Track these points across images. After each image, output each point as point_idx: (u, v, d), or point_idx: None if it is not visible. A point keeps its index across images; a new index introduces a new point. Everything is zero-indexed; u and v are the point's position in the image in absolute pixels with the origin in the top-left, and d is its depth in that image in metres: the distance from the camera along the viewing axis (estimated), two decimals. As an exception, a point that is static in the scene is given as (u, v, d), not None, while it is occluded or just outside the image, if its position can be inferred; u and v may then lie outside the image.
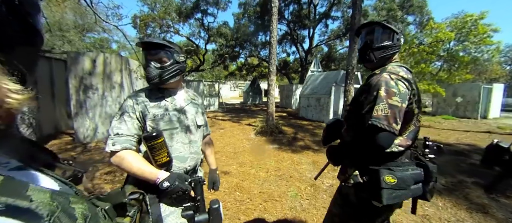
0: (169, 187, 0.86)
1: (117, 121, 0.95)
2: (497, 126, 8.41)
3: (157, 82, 0.99)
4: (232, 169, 3.61)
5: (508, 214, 2.42)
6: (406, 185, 0.93)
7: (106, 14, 4.51)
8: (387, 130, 0.86)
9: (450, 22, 11.55)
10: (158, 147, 0.91)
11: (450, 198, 2.73)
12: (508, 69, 32.03)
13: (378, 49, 1.04)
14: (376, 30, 1.06)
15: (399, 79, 0.91)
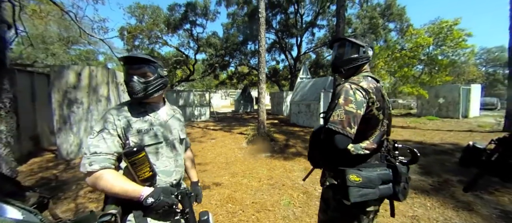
0: (154, 203, 0.84)
1: (95, 139, 0.90)
2: (478, 125, 8.84)
3: (141, 96, 0.98)
4: (224, 180, 3.55)
5: (491, 210, 2.51)
6: (373, 184, 0.99)
7: (91, 27, 4.44)
8: (341, 133, 0.93)
9: (428, 28, 12.26)
10: (139, 162, 0.88)
11: (438, 198, 2.81)
12: (484, 70, 34.08)
13: (347, 61, 1.15)
14: (343, 45, 1.17)
15: (357, 89, 1.00)
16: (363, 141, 1.05)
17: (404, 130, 8.24)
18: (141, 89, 0.97)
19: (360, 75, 1.13)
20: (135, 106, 1.02)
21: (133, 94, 0.97)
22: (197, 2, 14.02)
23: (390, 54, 11.59)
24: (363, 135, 1.04)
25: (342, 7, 5.76)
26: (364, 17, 12.70)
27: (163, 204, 0.86)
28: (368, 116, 1.01)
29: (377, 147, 1.07)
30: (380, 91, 1.07)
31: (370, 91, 1.02)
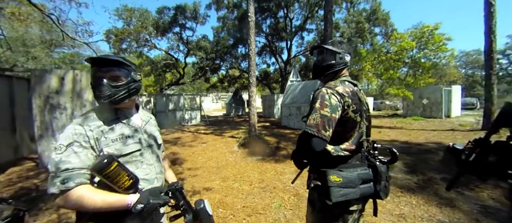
0: (145, 207, 0.80)
1: (64, 154, 0.79)
2: (459, 124, 9.27)
3: (112, 101, 0.90)
4: (214, 184, 3.51)
5: (472, 206, 2.63)
6: (354, 184, 1.04)
7: (75, 30, 4.30)
8: (317, 136, 0.97)
9: (411, 32, 12.83)
10: (114, 174, 0.80)
11: (423, 195, 2.91)
12: (463, 72, 35.94)
13: (325, 67, 1.21)
14: (322, 52, 1.24)
15: (332, 93, 1.05)
16: (342, 142, 1.09)
17: (391, 130, 8.49)
18: (111, 94, 0.89)
19: (338, 80, 1.17)
20: (105, 113, 0.94)
21: (102, 98, 0.88)
22: (187, 6, 13.94)
23: (376, 57, 12.00)
24: (343, 137, 1.09)
25: (329, 12, 5.92)
26: (351, 22, 13.12)
27: (155, 207, 0.84)
28: (345, 118, 1.06)
29: (356, 148, 1.11)
30: (357, 94, 1.11)
31: (345, 95, 1.06)
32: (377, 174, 1.11)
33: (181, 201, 0.98)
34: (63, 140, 0.82)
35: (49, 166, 0.79)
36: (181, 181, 3.71)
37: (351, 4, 14.80)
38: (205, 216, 0.99)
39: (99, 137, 0.87)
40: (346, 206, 1.06)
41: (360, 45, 13.03)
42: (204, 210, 0.99)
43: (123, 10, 12.90)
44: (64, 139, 0.82)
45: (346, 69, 1.23)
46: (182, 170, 4.32)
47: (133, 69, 0.98)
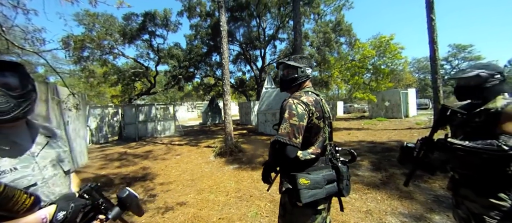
0: (68, 214, 0.69)
1: None
2: (416, 123, 10.39)
3: (8, 118, 0.70)
4: (189, 198, 3.36)
5: (427, 196, 2.94)
6: (320, 185, 1.12)
7: (24, 38, 3.84)
8: (289, 144, 1.05)
9: (371, 42, 14.20)
10: (6, 198, 0.60)
11: (386, 191, 3.17)
12: (417, 77, 40.61)
13: (289, 81, 1.32)
14: (286, 67, 1.35)
15: (299, 103, 1.14)
16: (309, 147, 1.17)
17: (359, 131, 9.14)
18: (9, 109, 0.70)
19: (302, 91, 1.27)
20: None
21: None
22: (157, 12, 13.44)
23: (343, 64, 12.97)
24: (309, 142, 1.17)
25: (298, 23, 6.27)
26: (319, 32, 14.06)
27: (78, 210, 0.72)
28: (310, 125, 1.15)
29: (322, 152, 1.20)
30: (319, 103, 1.21)
31: (309, 104, 1.16)
32: (340, 174, 1.20)
33: (99, 199, 0.84)
34: None
35: None
36: (152, 197, 3.47)
37: (318, 15, 15.89)
38: (133, 201, 0.89)
39: None
40: (314, 206, 1.13)
41: (328, 53, 13.99)
42: (130, 195, 0.89)
43: (84, 14, 11.93)
44: None
45: (308, 80, 1.34)
46: (154, 186, 4.06)
47: (29, 75, 0.80)
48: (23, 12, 2.87)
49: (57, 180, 0.82)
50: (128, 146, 8.95)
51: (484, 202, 1.15)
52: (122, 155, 7.17)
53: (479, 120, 1.17)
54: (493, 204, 1.12)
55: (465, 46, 33.34)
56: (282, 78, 1.37)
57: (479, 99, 1.23)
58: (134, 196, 0.92)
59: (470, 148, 1.08)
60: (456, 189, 1.32)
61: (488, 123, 1.13)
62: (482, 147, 1.05)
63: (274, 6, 15.03)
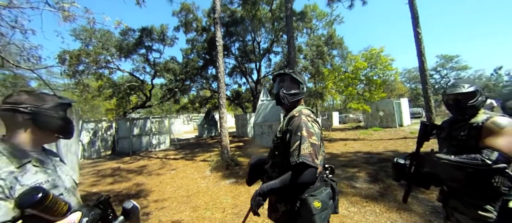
0: (89, 221, 0.79)
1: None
2: (410, 132, 10.53)
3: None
4: (184, 216, 3.26)
5: (425, 207, 2.93)
6: (327, 205, 1.09)
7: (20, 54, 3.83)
8: (313, 166, 1.00)
9: (363, 54, 14.68)
10: (53, 203, 0.71)
11: (384, 203, 3.15)
12: (408, 86, 41.66)
13: (291, 95, 1.25)
14: (288, 80, 1.28)
15: (313, 121, 1.13)
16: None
17: (355, 142, 9.19)
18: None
19: (301, 107, 1.25)
20: (13, 151, 0.80)
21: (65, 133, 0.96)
22: (153, 28, 13.68)
23: (336, 76, 13.28)
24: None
25: (291, 37, 6.48)
26: (312, 45, 14.51)
27: (96, 218, 0.83)
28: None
29: (322, 170, 1.20)
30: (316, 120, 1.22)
31: (318, 121, 1.16)
32: (334, 191, 1.20)
33: (109, 210, 0.92)
34: None
35: None
36: (145, 216, 3.36)
37: (310, 30, 16.45)
38: (135, 213, 0.98)
39: (12, 185, 0.74)
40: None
41: (322, 65, 14.36)
42: (134, 207, 0.97)
43: (81, 30, 12.04)
44: None
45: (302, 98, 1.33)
46: (148, 203, 3.94)
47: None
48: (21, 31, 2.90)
49: (73, 190, 0.97)
50: (122, 161, 8.73)
51: (472, 214, 1.17)
52: (115, 170, 6.98)
53: (464, 133, 1.22)
54: (481, 216, 1.14)
55: (452, 57, 34.72)
56: (283, 91, 1.25)
57: (470, 114, 1.25)
58: (136, 208, 1.00)
59: (455, 162, 1.11)
60: (446, 201, 1.34)
61: (471, 137, 1.18)
62: (467, 161, 1.09)
63: (268, 21, 15.52)
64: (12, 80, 19.42)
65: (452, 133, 1.30)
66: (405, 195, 1.42)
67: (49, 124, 0.90)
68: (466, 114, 1.27)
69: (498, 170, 1.04)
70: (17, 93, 0.89)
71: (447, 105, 1.34)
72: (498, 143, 1.07)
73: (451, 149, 1.26)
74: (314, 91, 14.82)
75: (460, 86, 1.27)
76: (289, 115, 1.21)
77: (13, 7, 2.62)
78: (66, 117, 0.97)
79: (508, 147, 1.06)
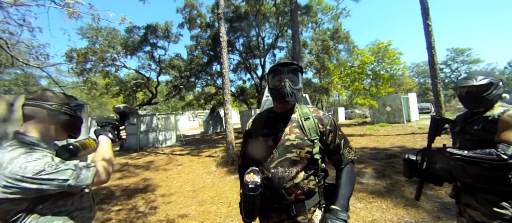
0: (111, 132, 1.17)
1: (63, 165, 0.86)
2: (418, 127, 10.30)
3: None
4: (190, 210, 3.31)
5: (433, 204, 2.88)
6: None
7: (29, 52, 3.92)
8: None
9: (370, 48, 14.35)
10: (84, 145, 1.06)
11: (391, 199, 3.11)
12: (417, 81, 40.68)
13: (298, 90, 1.05)
14: (296, 73, 1.06)
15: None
16: None
17: (362, 137, 9.07)
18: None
19: (306, 106, 1.19)
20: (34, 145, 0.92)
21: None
22: (158, 25, 13.74)
23: (342, 70, 13.05)
24: None
25: (296, 32, 6.37)
26: (317, 40, 14.26)
27: (114, 129, 1.19)
28: None
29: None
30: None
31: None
32: None
33: (120, 120, 1.28)
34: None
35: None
36: (153, 210, 3.43)
37: (316, 24, 16.16)
38: (126, 110, 1.28)
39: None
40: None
41: (327, 60, 14.12)
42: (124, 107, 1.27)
43: (88, 28, 12.22)
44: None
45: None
46: (155, 197, 4.01)
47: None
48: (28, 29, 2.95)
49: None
50: (130, 157, 8.92)
51: (487, 210, 1.13)
52: (123, 166, 7.13)
53: (478, 128, 1.17)
54: (496, 212, 1.10)
55: (463, 50, 33.59)
56: (292, 86, 1.00)
57: (485, 107, 1.20)
58: (125, 107, 1.27)
59: (468, 157, 1.07)
60: (459, 197, 1.30)
61: (486, 130, 1.12)
62: (481, 156, 1.04)
63: (272, 16, 15.32)
64: (23, 79, 20.00)
65: (466, 127, 1.25)
66: (418, 192, 1.39)
67: (66, 122, 0.97)
68: (479, 107, 1.22)
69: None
70: (41, 90, 0.96)
71: (460, 98, 1.28)
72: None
73: (465, 144, 1.21)
74: (319, 86, 14.64)
75: (472, 78, 1.21)
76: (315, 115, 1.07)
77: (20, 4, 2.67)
78: (80, 117, 1.04)
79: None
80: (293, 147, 0.98)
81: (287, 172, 0.97)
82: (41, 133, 0.92)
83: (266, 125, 1.11)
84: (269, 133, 1.06)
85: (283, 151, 0.99)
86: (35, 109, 0.90)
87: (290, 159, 0.98)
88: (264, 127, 1.10)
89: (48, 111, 0.91)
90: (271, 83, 1.07)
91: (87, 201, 1.03)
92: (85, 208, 1.01)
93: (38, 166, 0.78)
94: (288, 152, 0.98)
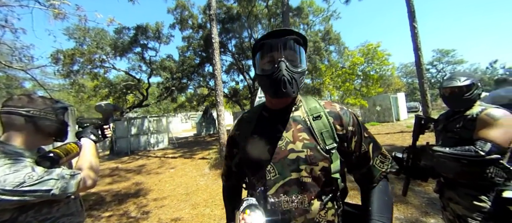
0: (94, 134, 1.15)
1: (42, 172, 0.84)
2: (406, 126, 10.63)
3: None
4: (183, 214, 3.27)
5: (421, 199, 2.98)
6: None
7: (11, 54, 3.76)
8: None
9: (360, 50, 14.69)
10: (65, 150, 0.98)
11: (382, 196, 3.19)
12: (405, 81, 41.94)
13: (300, 74, 0.73)
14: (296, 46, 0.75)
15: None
16: None
17: (352, 137, 9.25)
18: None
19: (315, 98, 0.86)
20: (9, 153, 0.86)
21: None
22: (149, 26, 13.50)
23: (333, 71, 13.29)
24: None
25: (288, 33, 6.44)
26: (309, 41, 14.38)
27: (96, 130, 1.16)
28: None
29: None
30: None
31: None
32: None
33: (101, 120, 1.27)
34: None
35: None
36: (145, 215, 3.36)
37: (307, 25, 16.38)
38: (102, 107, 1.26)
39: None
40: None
41: (319, 61, 14.35)
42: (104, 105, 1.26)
43: (75, 29, 11.84)
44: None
45: None
46: (147, 202, 3.94)
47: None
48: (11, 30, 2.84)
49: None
50: (120, 161, 8.70)
51: (467, 203, 1.19)
52: (113, 170, 6.95)
53: (459, 126, 1.23)
54: (475, 205, 1.16)
55: (448, 51, 34.94)
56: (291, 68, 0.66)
57: (466, 106, 1.27)
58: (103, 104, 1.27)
59: (450, 154, 1.13)
60: (442, 192, 1.36)
61: (466, 129, 1.19)
62: (461, 153, 1.10)
63: (264, 18, 15.40)
64: (5, 82, 19.11)
65: (448, 125, 1.31)
66: (405, 188, 1.45)
67: (48, 127, 0.94)
68: (462, 107, 1.28)
69: (491, 161, 1.06)
70: (18, 96, 0.92)
71: (444, 98, 1.35)
72: (491, 135, 1.09)
73: (447, 142, 1.28)
74: (311, 87, 14.82)
75: (456, 79, 1.27)
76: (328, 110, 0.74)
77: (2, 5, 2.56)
78: (63, 120, 1.00)
79: (501, 138, 1.07)
80: (301, 162, 0.66)
81: (295, 202, 0.65)
82: (23, 141, 0.89)
83: (257, 129, 0.78)
84: (261, 141, 0.73)
85: (285, 169, 0.67)
86: (11, 117, 0.87)
87: (298, 181, 0.66)
88: (254, 132, 0.77)
89: (25, 118, 0.88)
90: (259, 67, 0.73)
91: (74, 206, 1.02)
92: (73, 214, 0.99)
93: (18, 178, 0.76)
94: (294, 169, 0.67)
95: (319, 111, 0.74)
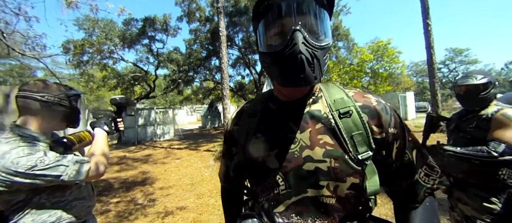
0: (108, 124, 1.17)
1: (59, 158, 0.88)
2: (414, 126, 10.42)
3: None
4: (188, 203, 3.35)
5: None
6: None
7: (25, 43, 3.86)
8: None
9: (369, 46, 14.37)
10: (78, 138, 1.03)
11: (385, 194, 3.17)
12: (415, 80, 40.91)
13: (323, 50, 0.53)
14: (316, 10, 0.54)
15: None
16: None
17: (358, 135, 9.15)
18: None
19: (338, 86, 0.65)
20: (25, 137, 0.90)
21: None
22: (156, 18, 13.54)
23: (341, 68, 13.08)
24: None
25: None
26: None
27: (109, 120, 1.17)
28: None
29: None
30: None
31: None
32: None
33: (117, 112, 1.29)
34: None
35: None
36: (151, 202, 3.46)
37: (316, 20, 16.00)
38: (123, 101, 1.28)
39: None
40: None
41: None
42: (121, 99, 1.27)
43: (85, 19, 12.00)
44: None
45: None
46: (154, 190, 4.05)
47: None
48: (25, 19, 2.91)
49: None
50: (128, 150, 8.92)
51: (476, 204, 1.17)
52: (121, 159, 7.14)
53: (472, 126, 1.20)
54: (485, 207, 1.14)
55: (462, 50, 33.73)
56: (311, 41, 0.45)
57: (481, 106, 1.23)
58: (120, 98, 1.28)
59: (461, 154, 1.10)
60: (451, 192, 1.35)
61: (480, 129, 1.16)
62: (473, 153, 1.08)
63: (273, 11, 15.14)
64: (18, 70, 19.68)
65: (460, 125, 1.28)
66: None
67: (62, 113, 0.97)
68: (477, 106, 1.24)
69: (504, 162, 1.04)
70: (33, 82, 0.94)
71: (458, 96, 1.31)
72: (506, 136, 1.06)
73: (458, 141, 1.25)
74: (318, 83, 14.64)
75: (472, 77, 1.23)
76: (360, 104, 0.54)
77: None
78: (76, 107, 1.03)
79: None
80: (321, 176, 0.49)
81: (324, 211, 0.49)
82: (39, 125, 0.92)
83: (261, 125, 0.59)
84: (267, 142, 0.55)
85: (299, 183, 0.50)
86: (27, 101, 0.89)
87: (317, 200, 0.49)
88: (258, 129, 0.58)
89: (41, 103, 0.90)
90: (263, 41, 0.51)
91: (86, 191, 1.06)
92: (85, 198, 1.03)
93: (30, 161, 0.78)
94: (312, 185, 0.49)
95: (348, 105, 0.52)
